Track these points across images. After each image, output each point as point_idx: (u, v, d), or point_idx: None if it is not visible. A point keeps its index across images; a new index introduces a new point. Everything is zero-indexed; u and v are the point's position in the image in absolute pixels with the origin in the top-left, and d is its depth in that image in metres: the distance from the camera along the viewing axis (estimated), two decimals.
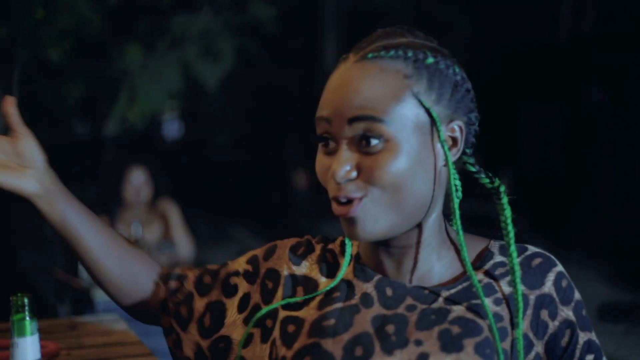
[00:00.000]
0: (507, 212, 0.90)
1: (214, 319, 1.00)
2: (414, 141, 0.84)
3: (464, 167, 0.94)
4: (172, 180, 4.47)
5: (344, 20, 9.76)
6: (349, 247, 0.96)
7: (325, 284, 0.95)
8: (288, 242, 1.02)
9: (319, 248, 1.00)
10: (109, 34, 4.89)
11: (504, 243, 0.93)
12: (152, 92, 4.75)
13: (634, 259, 6.58)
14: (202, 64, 4.93)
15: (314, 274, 0.97)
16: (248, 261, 1.02)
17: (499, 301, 0.89)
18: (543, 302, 0.89)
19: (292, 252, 1.00)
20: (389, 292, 0.91)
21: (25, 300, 1.09)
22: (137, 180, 3.38)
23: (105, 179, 5.78)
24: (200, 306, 1.02)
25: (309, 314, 0.93)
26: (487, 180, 0.93)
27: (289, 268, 0.98)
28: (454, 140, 0.88)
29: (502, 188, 0.92)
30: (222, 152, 12.21)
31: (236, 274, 1.01)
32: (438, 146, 0.86)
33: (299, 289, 0.96)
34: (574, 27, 9.08)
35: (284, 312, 0.95)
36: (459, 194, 0.94)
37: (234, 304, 1.00)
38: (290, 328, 0.93)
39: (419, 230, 0.90)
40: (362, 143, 0.84)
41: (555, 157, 9.42)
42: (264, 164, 10.80)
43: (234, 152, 12.09)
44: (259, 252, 1.02)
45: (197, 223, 5.46)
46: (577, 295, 0.92)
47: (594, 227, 7.82)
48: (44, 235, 4.90)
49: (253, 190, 10.13)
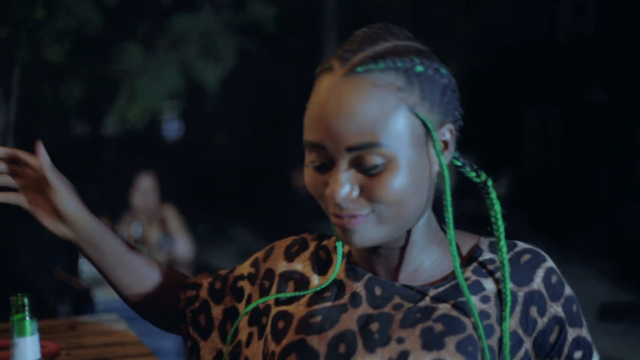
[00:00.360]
0: (497, 207, 0.91)
1: (233, 324, 1.02)
2: (411, 154, 0.83)
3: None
4: (172, 180, 4.47)
5: (344, 20, 9.76)
6: (340, 249, 0.96)
7: (317, 281, 0.97)
8: (285, 242, 1.03)
9: (313, 245, 1.01)
10: (109, 34, 4.89)
11: (493, 240, 0.93)
12: (152, 92, 4.75)
13: (634, 259, 6.58)
14: (202, 64, 4.93)
15: (306, 270, 0.98)
16: (251, 264, 1.04)
17: (486, 299, 0.89)
18: (532, 298, 0.89)
19: (287, 250, 1.01)
20: (378, 291, 0.91)
21: (25, 300, 1.09)
22: (144, 186, 3.46)
23: (109, 182, 5.80)
24: (217, 313, 1.03)
25: (298, 310, 0.94)
26: (473, 174, 0.93)
27: (282, 266, 1.00)
28: (446, 143, 0.88)
29: (490, 182, 0.92)
30: (222, 152, 12.22)
31: (241, 277, 1.03)
32: (432, 153, 0.86)
33: (290, 284, 0.98)
34: (574, 27, 9.08)
35: (275, 308, 0.96)
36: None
37: (243, 307, 1.01)
38: (280, 324, 0.94)
39: (409, 232, 0.90)
40: (361, 163, 0.82)
41: (555, 157, 9.43)
42: (264, 164, 10.80)
43: (234, 152, 12.09)
44: (260, 254, 1.04)
45: (197, 223, 5.45)
46: (567, 290, 0.91)
47: (594, 227, 7.82)
48: (44, 235, 4.90)
49: (253, 190, 10.14)
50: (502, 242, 0.89)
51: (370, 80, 0.82)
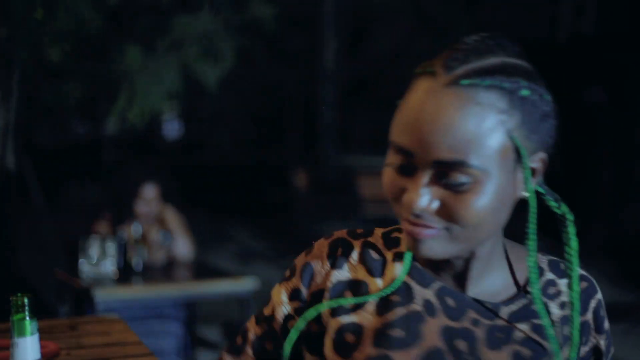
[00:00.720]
0: (574, 244, 0.87)
1: None
2: (499, 178, 0.80)
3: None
4: (172, 180, 4.47)
5: (344, 20, 9.76)
6: (408, 255, 0.91)
7: (379, 283, 0.90)
8: (321, 251, 0.94)
9: (358, 245, 0.94)
10: (109, 34, 4.89)
11: (553, 258, 0.93)
12: (152, 92, 4.75)
13: (634, 259, 6.58)
14: (202, 64, 4.93)
15: (360, 275, 0.91)
16: (291, 298, 0.95)
17: (554, 324, 0.88)
18: (584, 329, 0.90)
19: (331, 258, 0.93)
20: (451, 302, 0.88)
21: (25, 300, 1.09)
22: (148, 196, 3.48)
23: (109, 182, 5.80)
24: None
25: (367, 320, 0.88)
26: (555, 204, 0.89)
27: (334, 277, 0.92)
28: (534, 171, 0.86)
29: (570, 216, 0.88)
30: (222, 152, 12.21)
31: (290, 317, 0.95)
32: (518, 177, 0.83)
33: (347, 294, 0.91)
34: (574, 27, 9.08)
35: (335, 320, 0.90)
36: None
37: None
38: (349, 337, 0.88)
39: (482, 245, 0.87)
40: (445, 178, 0.79)
41: (555, 157, 9.42)
42: (264, 163, 10.80)
43: (234, 152, 12.09)
44: (296, 282, 0.95)
45: (197, 223, 5.46)
46: (607, 324, 0.92)
47: (594, 227, 7.82)
48: (44, 236, 4.89)
49: (253, 190, 10.13)
50: (576, 283, 0.87)
51: (473, 97, 0.78)
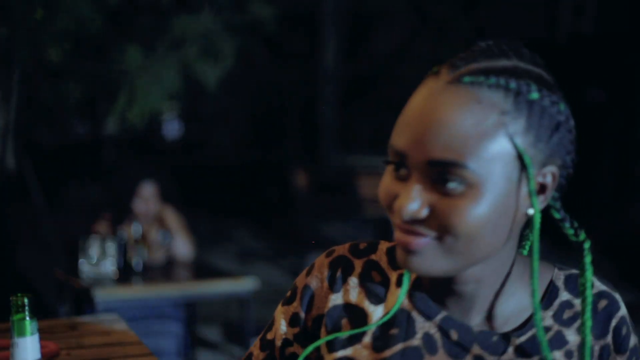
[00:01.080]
0: (588, 275, 0.80)
1: None
2: (498, 188, 0.73)
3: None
4: (172, 180, 4.47)
5: (344, 20, 9.76)
6: (407, 279, 0.84)
7: (379, 312, 0.84)
8: (321, 272, 0.88)
9: (359, 264, 0.87)
10: (109, 34, 4.89)
11: (569, 273, 0.86)
12: (152, 92, 4.75)
13: (634, 259, 6.58)
14: (202, 64, 4.93)
15: (359, 300, 0.85)
16: (291, 323, 0.90)
17: (569, 354, 0.82)
18: (604, 351, 0.83)
19: (330, 280, 0.87)
20: (454, 335, 0.82)
21: (25, 300, 1.09)
22: (146, 194, 3.48)
23: (109, 182, 5.80)
24: None
25: (362, 355, 0.83)
26: (571, 231, 0.81)
27: (331, 301, 0.86)
28: (543, 187, 0.77)
29: (587, 245, 0.80)
30: (222, 152, 12.21)
31: (289, 343, 0.91)
32: (523, 193, 0.75)
33: (344, 322, 0.85)
34: (574, 27, 9.08)
35: (331, 356, 0.84)
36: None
37: None
38: None
39: (490, 267, 0.80)
40: (439, 181, 0.73)
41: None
42: (264, 163, 10.80)
43: (234, 152, 12.08)
44: (296, 306, 0.90)
45: (197, 223, 5.46)
46: (633, 341, 0.85)
47: (594, 227, 7.81)
48: (44, 235, 4.89)
49: (253, 190, 10.13)
50: (588, 315, 0.79)
51: (474, 95, 0.73)
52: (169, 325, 3.25)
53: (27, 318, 1.09)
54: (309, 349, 0.84)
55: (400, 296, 0.82)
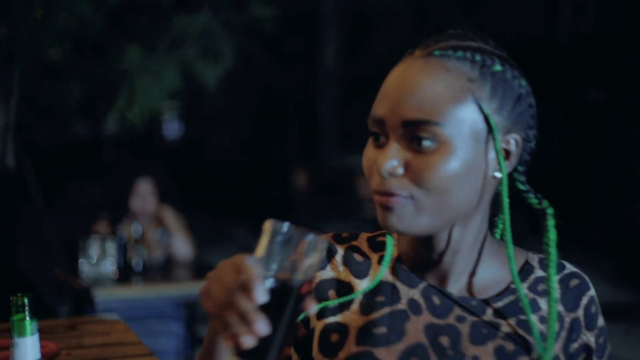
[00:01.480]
0: (552, 235, 0.89)
1: None
2: (468, 147, 0.81)
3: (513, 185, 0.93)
4: (172, 180, 4.47)
5: (344, 20, 9.75)
6: (390, 245, 0.93)
7: (364, 284, 0.91)
8: None
9: (342, 248, 0.94)
10: (109, 34, 4.89)
11: (542, 256, 0.93)
12: (151, 92, 4.74)
13: (634, 259, 6.58)
14: (202, 64, 4.92)
15: (344, 276, 0.92)
16: None
17: (542, 319, 0.89)
18: (575, 325, 0.90)
19: None
20: (437, 300, 0.89)
21: (25, 300, 1.09)
22: (143, 191, 3.48)
23: (109, 182, 5.80)
24: None
25: (352, 319, 0.89)
26: (535, 200, 0.91)
27: (315, 279, 0.92)
28: (508, 153, 0.87)
29: (550, 211, 0.90)
30: (222, 152, 12.21)
31: None
32: (491, 156, 0.84)
33: (331, 294, 0.91)
34: (574, 27, 9.08)
35: (321, 322, 0.90)
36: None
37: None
38: (334, 337, 0.89)
39: (464, 238, 0.88)
40: (414, 141, 0.81)
41: (555, 157, 9.42)
42: (264, 163, 10.80)
43: (234, 152, 12.08)
44: None
45: (197, 223, 5.46)
46: (600, 321, 0.92)
47: (594, 227, 7.81)
48: (44, 235, 4.89)
49: (253, 190, 10.13)
50: (553, 270, 0.88)
51: (444, 64, 0.83)
52: (169, 325, 3.25)
53: (27, 318, 1.09)
54: (300, 317, 0.89)
55: (385, 263, 0.89)
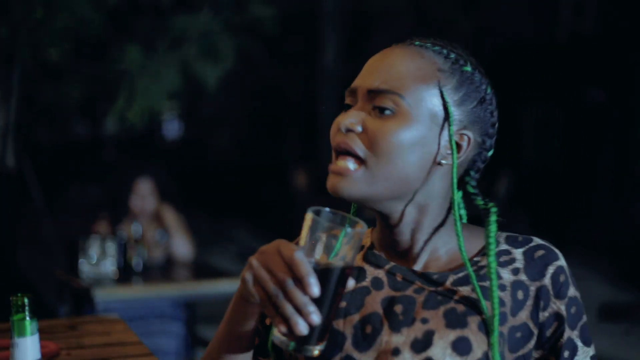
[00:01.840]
0: (492, 228, 0.94)
1: None
2: (423, 124, 0.89)
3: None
4: (172, 180, 4.47)
5: (344, 20, 9.75)
6: (354, 205, 1.01)
7: None
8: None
9: None
10: (109, 34, 4.89)
11: (510, 234, 0.99)
12: (151, 92, 4.74)
13: (634, 259, 6.57)
14: (202, 64, 4.92)
15: None
16: None
17: (502, 287, 0.93)
18: (541, 292, 0.93)
19: None
20: (399, 277, 0.95)
21: (25, 300, 1.09)
22: (142, 191, 3.48)
23: (109, 182, 5.80)
24: None
25: None
26: (482, 202, 0.97)
27: None
28: (459, 147, 0.93)
29: (494, 209, 0.95)
30: (222, 152, 12.20)
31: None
32: (443, 142, 0.91)
33: None
34: (574, 27, 9.08)
35: None
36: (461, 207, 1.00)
37: None
38: None
39: (421, 220, 0.95)
40: (376, 109, 0.90)
41: (555, 157, 9.42)
42: (264, 164, 10.79)
43: (234, 152, 12.08)
44: None
45: (197, 223, 5.45)
46: (571, 292, 0.95)
47: (594, 227, 7.81)
48: (44, 235, 4.90)
49: (253, 190, 10.13)
50: (492, 258, 0.92)
51: (420, 52, 0.93)
52: (169, 325, 3.25)
53: (27, 318, 1.09)
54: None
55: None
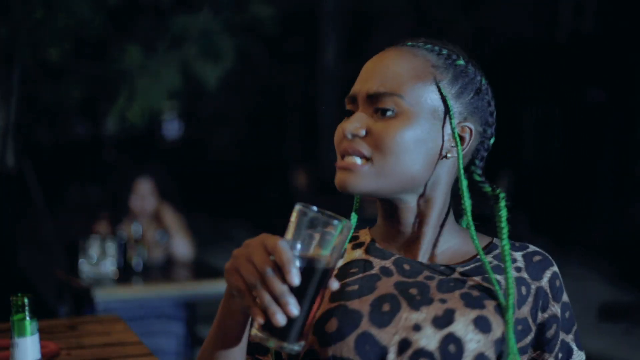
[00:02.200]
0: (503, 213, 0.96)
1: None
2: (425, 120, 0.91)
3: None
4: (172, 180, 4.47)
5: (344, 20, 9.75)
6: (354, 218, 1.03)
7: (337, 264, 0.95)
8: None
9: None
10: (109, 34, 4.89)
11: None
12: (152, 92, 4.74)
13: (634, 259, 6.57)
14: (202, 64, 4.92)
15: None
16: None
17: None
18: (540, 293, 0.96)
19: None
20: (407, 267, 0.97)
21: (25, 300, 1.09)
22: (142, 191, 3.48)
23: (109, 182, 5.80)
24: None
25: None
26: (489, 188, 0.99)
27: None
28: (462, 139, 0.95)
29: (502, 195, 0.97)
30: (222, 152, 12.20)
31: None
32: (446, 136, 0.93)
33: None
34: (574, 27, 9.08)
35: None
36: (466, 195, 0.99)
37: None
38: None
39: (427, 212, 0.96)
40: (377, 112, 0.92)
41: (555, 157, 9.42)
42: (264, 164, 10.79)
43: (234, 152, 12.07)
44: None
45: (197, 223, 5.45)
46: (565, 297, 1.00)
47: (594, 227, 7.81)
48: (44, 235, 4.90)
49: (253, 190, 10.13)
50: (505, 241, 0.95)
51: (413, 51, 0.95)
52: (169, 325, 3.25)
53: (27, 318, 1.09)
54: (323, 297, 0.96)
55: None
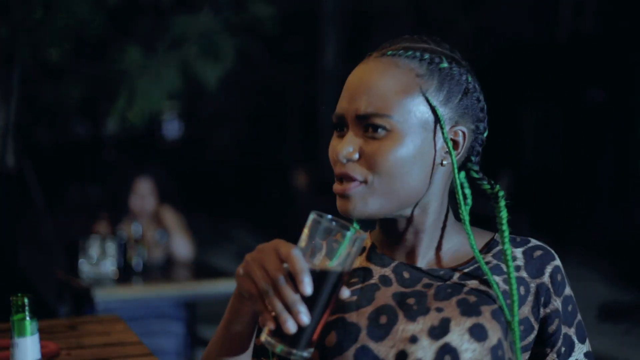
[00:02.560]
0: (504, 214, 0.97)
1: None
2: (416, 135, 0.90)
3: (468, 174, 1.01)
4: (172, 180, 4.47)
5: (344, 20, 9.75)
6: (352, 229, 0.97)
7: None
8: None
9: None
10: (109, 34, 4.89)
11: (509, 235, 1.00)
12: (152, 92, 4.74)
13: (634, 259, 6.58)
14: (202, 64, 4.92)
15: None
16: None
17: (506, 281, 0.96)
18: (541, 290, 0.96)
19: None
20: (406, 274, 0.96)
21: (25, 300, 1.09)
22: (142, 191, 3.48)
23: (109, 182, 5.80)
24: None
25: None
26: (488, 186, 0.99)
27: None
28: (456, 143, 0.94)
29: (501, 193, 0.97)
30: (222, 152, 12.21)
31: None
32: (439, 145, 0.92)
33: None
34: (574, 27, 9.08)
35: None
36: (467, 190, 1.01)
37: None
38: None
39: (424, 220, 0.96)
40: (368, 130, 0.90)
41: (555, 157, 9.42)
42: (264, 164, 10.80)
43: (234, 152, 12.08)
44: None
45: (197, 223, 5.45)
46: (567, 290, 0.99)
47: (594, 227, 7.81)
48: (44, 235, 4.90)
49: (253, 190, 10.13)
50: (507, 245, 0.95)
51: (394, 62, 0.92)
52: (169, 325, 3.25)
53: (27, 318, 1.09)
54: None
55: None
